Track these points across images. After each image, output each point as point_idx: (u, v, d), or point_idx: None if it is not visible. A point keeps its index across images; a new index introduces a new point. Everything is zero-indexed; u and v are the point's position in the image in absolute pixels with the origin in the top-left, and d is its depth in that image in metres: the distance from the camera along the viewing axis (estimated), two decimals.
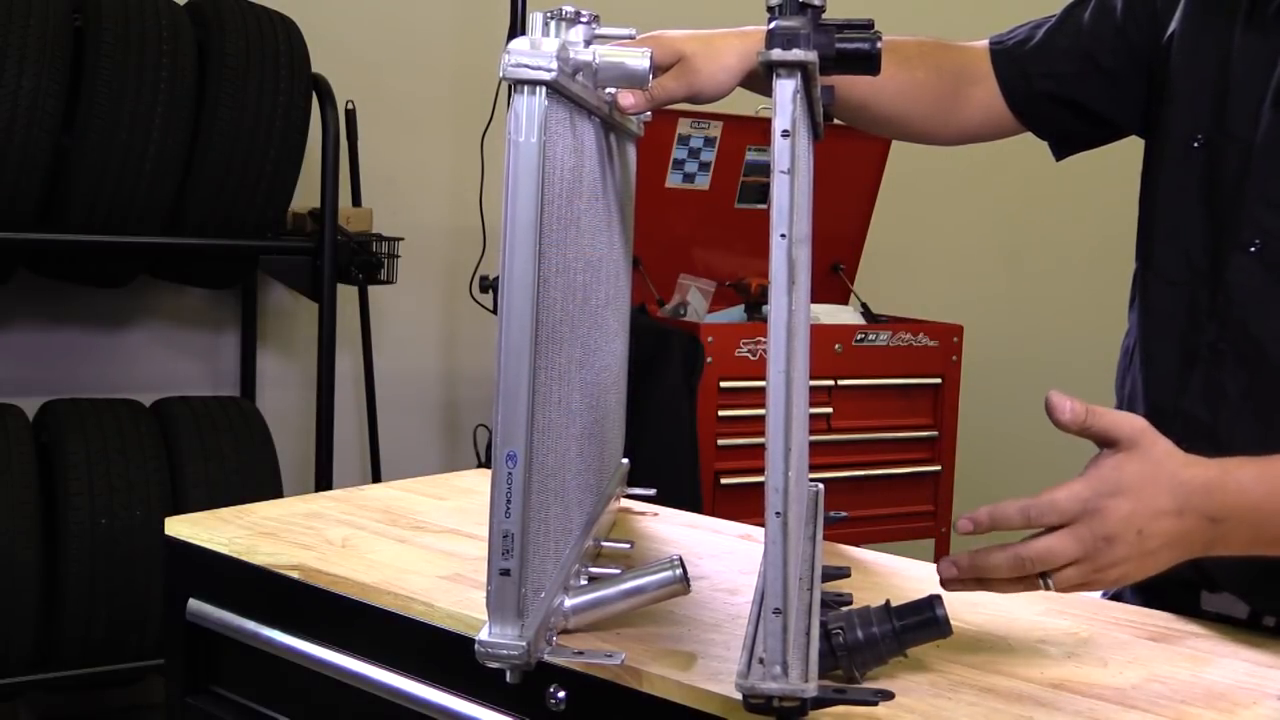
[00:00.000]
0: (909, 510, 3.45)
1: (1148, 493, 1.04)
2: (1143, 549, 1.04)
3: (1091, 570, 1.04)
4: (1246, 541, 1.08)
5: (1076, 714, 0.99)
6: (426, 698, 1.16)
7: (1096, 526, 1.03)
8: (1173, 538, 1.05)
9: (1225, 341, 1.29)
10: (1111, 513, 1.03)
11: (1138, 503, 1.03)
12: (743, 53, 1.27)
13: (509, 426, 0.94)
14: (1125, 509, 1.03)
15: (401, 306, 3.54)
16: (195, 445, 2.81)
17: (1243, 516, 1.06)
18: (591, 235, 1.17)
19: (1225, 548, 1.08)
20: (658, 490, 1.55)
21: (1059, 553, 1.03)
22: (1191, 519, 1.05)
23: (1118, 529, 1.03)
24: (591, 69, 1.10)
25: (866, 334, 3.32)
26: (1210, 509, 1.05)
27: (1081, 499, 1.03)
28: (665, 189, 3.46)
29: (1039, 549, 1.03)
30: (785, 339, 0.84)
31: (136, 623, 2.67)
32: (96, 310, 3.20)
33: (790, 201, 0.84)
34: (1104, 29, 1.42)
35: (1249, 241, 1.27)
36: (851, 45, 1.06)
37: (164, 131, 2.67)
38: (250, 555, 1.34)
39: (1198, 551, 1.07)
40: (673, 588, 1.08)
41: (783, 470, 0.84)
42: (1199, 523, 1.05)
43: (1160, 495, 1.04)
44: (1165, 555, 1.06)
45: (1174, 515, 1.04)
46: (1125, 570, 1.05)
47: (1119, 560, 1.04)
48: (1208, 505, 1.05)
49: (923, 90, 1.44)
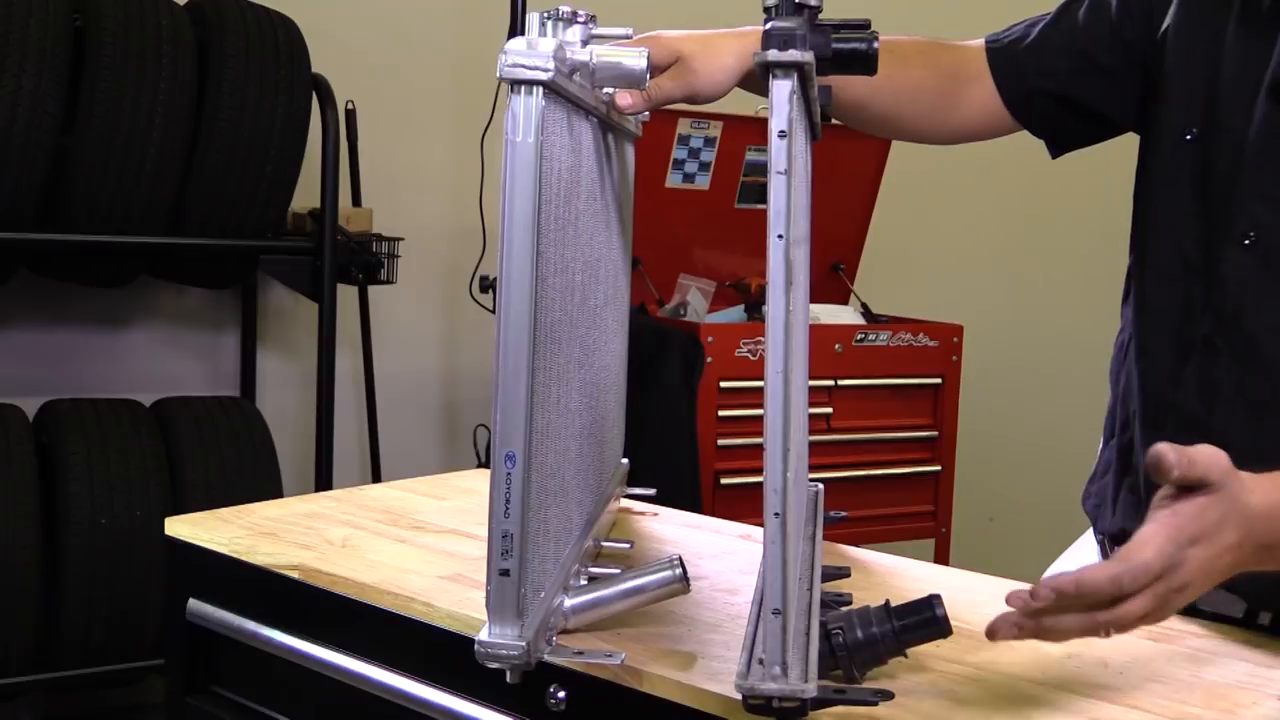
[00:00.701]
0: (909, 510, 3.44)
1: (1221, 534, 1.00)
2: (1205, 584, 1.01)
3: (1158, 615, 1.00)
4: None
5: (1076, 714, 0.99)
6: (426, 698, 1.16)
7: (1174, 580, 0.98)
8: (1230, 566, 1.02)
9: (1219, 335, 1.29)
10: (1189, 562, 0.98)
11: (1210, 547, 0.99)
12: (740, 53, 1.27)
13: (508, 427, 0.94)
14: (1201, 556, 0.99)
15: (401, 306, 3.54)
16: (195, 445, 2.81)
17: None
18: (589, 235, 1.17)
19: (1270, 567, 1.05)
20: (658, 490, 1.55)
21: (1137, 613, 0.98)
22: (1249, 549, 1.02)
23: (1192, 578, 0.99)
24: (589, 69, 1.10)
25: (866, 334, 3.31)
26: (1267, 537, 1.03)
27: (1168, 555, 0.97)
28: (665, 189, 3.46)
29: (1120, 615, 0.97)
30: (783, 339, 0.84)
31: (136, 623, 2.67)
32: (96, 310, 3.20)
33: (787, 202, 0.84)
34: (1099, 26, 1.43)
35: (1242, 235, 1.27)
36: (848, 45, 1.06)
37: (164, 131, 2.67)
38: (250, 555, 1.34)
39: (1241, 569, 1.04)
40: (672, 587, 1.08)
41: (781, 471, 0.84)
42: (1255, 552, 1.03)
43: (1228, 532, 1.00)
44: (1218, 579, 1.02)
45: (1235, 548, 1.01)
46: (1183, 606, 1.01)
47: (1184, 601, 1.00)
48: (1266, 533, 1.03)
49: (920, 89, 1.44)
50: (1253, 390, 1.27)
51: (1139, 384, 1.37)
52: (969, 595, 1.26)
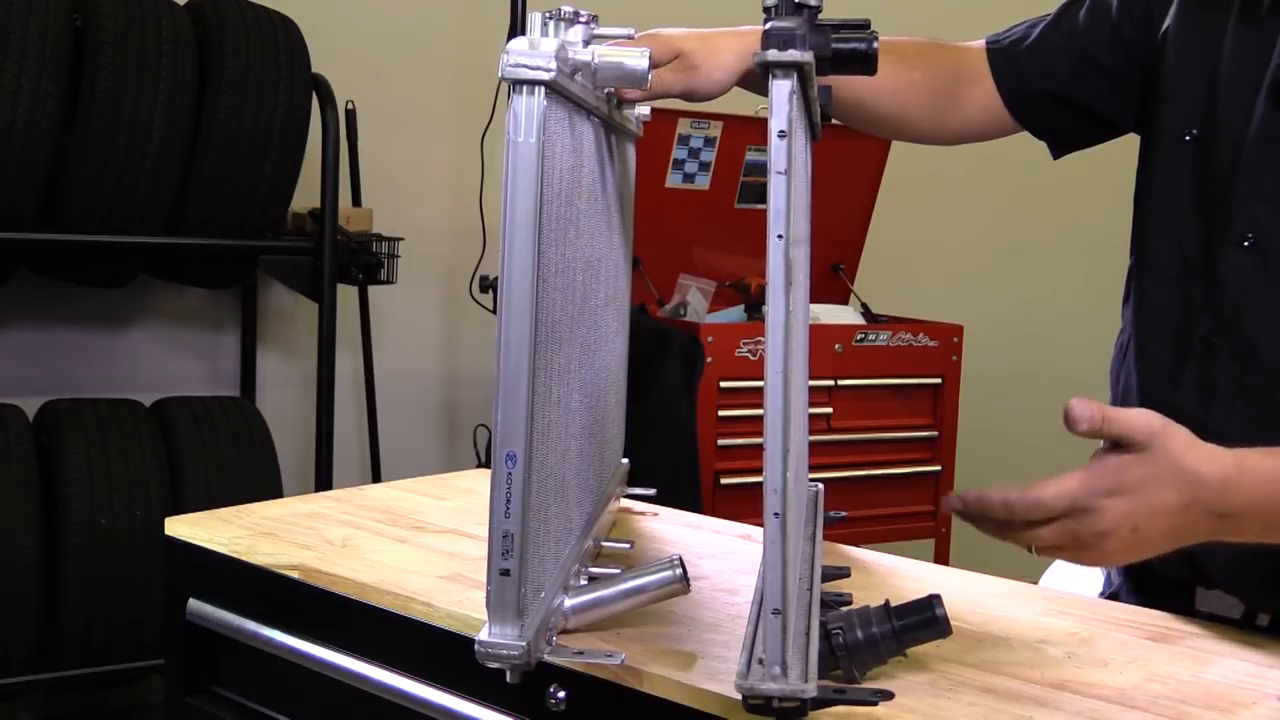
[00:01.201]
0: (909, 510, 3.44)
1: (1150, 491, 1.04)
2: (1135, 540, 1.05)
3: (1075, 555, 1.06)
4: (1256, 533, 1.08)
5: (1076, 714, 0.99)
6: (426, 698, 1.16)
7: (1088, 524, 1.03)
8: (1171, 531, 1.06)
9: (1218, 335, 1.29)
10: (1106, 511, 1.03)
11: (1137, 501, 1.04)
12: (740, 52, 1.27)
13: (509, 426, 0.94)
14: (1122, 508, 1.03)
15: (401, 306, 3.54)
16: (195, 445, 2.81)
17: (1256, 513, 1.06)
18: (591, 235, 1.17)
19: (1232, 537, 1.08)
20: (658, 490, 1.55)
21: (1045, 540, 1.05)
22: (1196, 513, 1.05)
23: (1111, 526, 1.04)
24: (590, 69, 1.10)
25: (866, 334, 3.32)
26: (1220, 506, 1.05)
27: (1071, 497, 1.04)
28: (665, 189, 3.46)
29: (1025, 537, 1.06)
30: (783, 339, 0.84)
31: (136, 623, 2.67)
32: (96, 310, 3.20)
33: (787, 202, 0.84)
34: (1100, 27, 1.43)
35: (1242, 235, 1.27)
36: (848, 45, 1.06)
37: (164, 131, 2.68)
38: (250, 555, 1.34)
39: (1199, 540, 1.08)
40: (673, 588, 1.08)
41: (781, 471, 0.84)
42: (1203, 517, 1.06)
43: (1165, 492, 1.04)
44: (1160, 545, 1.07)
45: (1177, 511, 1.04)
46: (1114, 559, 1.08)
47: (1110, 551, 1.05)
48: (1218, 502, 1.05)
49: (920, 90, 1.44)
50: (1252, 391, 1.27)
51: (1138, 384, 1.37)
52: (969, 595, 1.26)
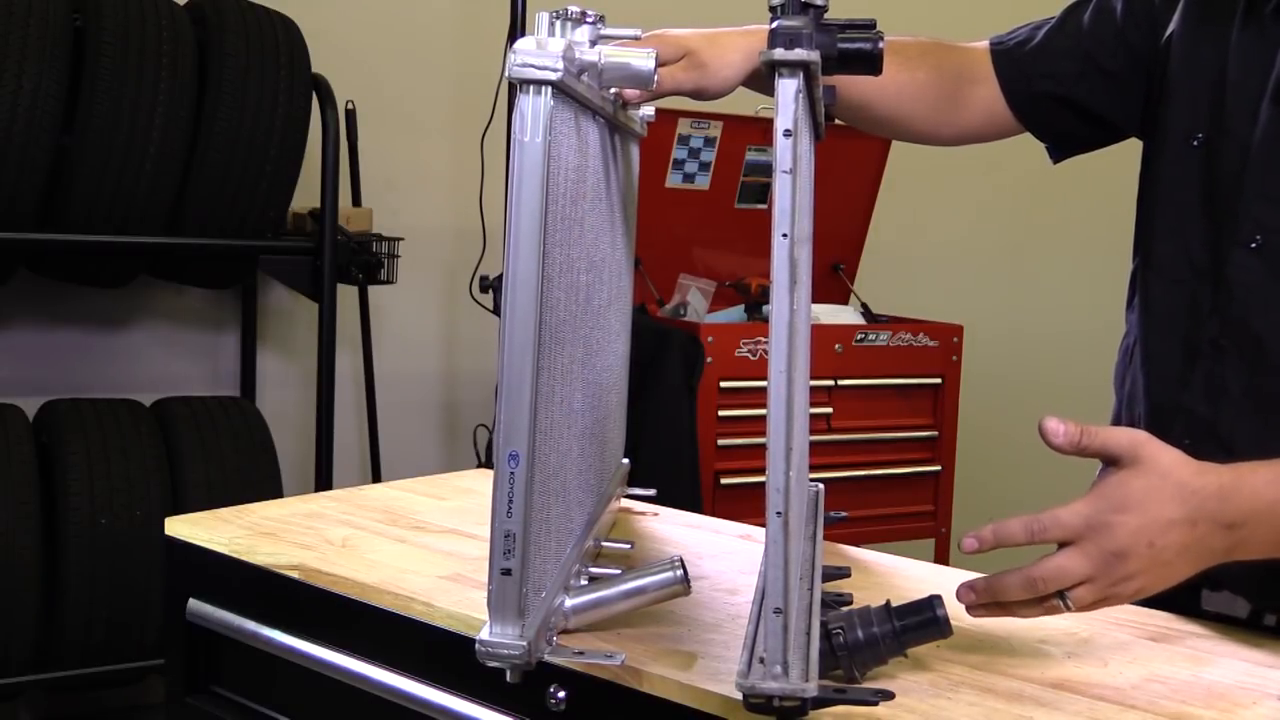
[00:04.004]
0: (909, 510, 3.45)
1: (1154, 505, 1.03)
2: (1157, 561, 1.03)
3: (1107, 586, 1.03)
4: (1269, 544, 1.07)
5: (1076, 714, 0.99)
6: (426, 698, 1.16)
7: (1105, 542, 1.02)
8: (1187, 547, 1.04)
9: (1226, 338, 1.29)
10: (1119, 528, 1.02)
11: (1145, 516, 1.02)
12: (747, 51, 1.27)
13: (512, 426, 0.94)
14: (1133, 523, 1.02)
15: (401, 306, 3.54)
16: (195, 445, 2.81)
17: (1261, 519, 1.05)
18: (595, 235, 1.17)
19: (1248, 552, 1.07)
20: (658, 490, 1.54)
21: (1070, 571, 1.02)
22: (1205, 527, 1.04)
23: (1127, 543, 1.02)
24: (597, 69, 1.10)
25: (866, 334, 3.32)
26: (1225, 516, 1.04)
27: (1084, 515, 1.02)
28: (665, 189, 3.46)
29: (1049, 569, 1.03)
30: (787, 339, 0.84)
31: (136, 623, 2.67)
32: (96, 310, 3.19)
33: (792, 201, 0.84)
34: (1104, 30, 1.43)
35: (1249, 238, 1.28)
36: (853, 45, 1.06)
37: (164, 131, 2.67)
38: (250, 555, 1.34)
39: (1220, 558, 1.06)
40: (673, 588, 1.08)
41: (784, 470, 0.84)
42: (1213, 530, 1.04)
43: (1168, 506, 1.03)
44: (1182, 565, 1.05)
45: (1186, 525, 1.03)
46: (1142, 583, 1.04)
47: (1133, 574, 1.03)
48: (1222, 512, 1.04)
49: (924, 90, 1.44)
50: (1261, 392, 1.27)
51: (1145, 387, 1.37)
52: None
